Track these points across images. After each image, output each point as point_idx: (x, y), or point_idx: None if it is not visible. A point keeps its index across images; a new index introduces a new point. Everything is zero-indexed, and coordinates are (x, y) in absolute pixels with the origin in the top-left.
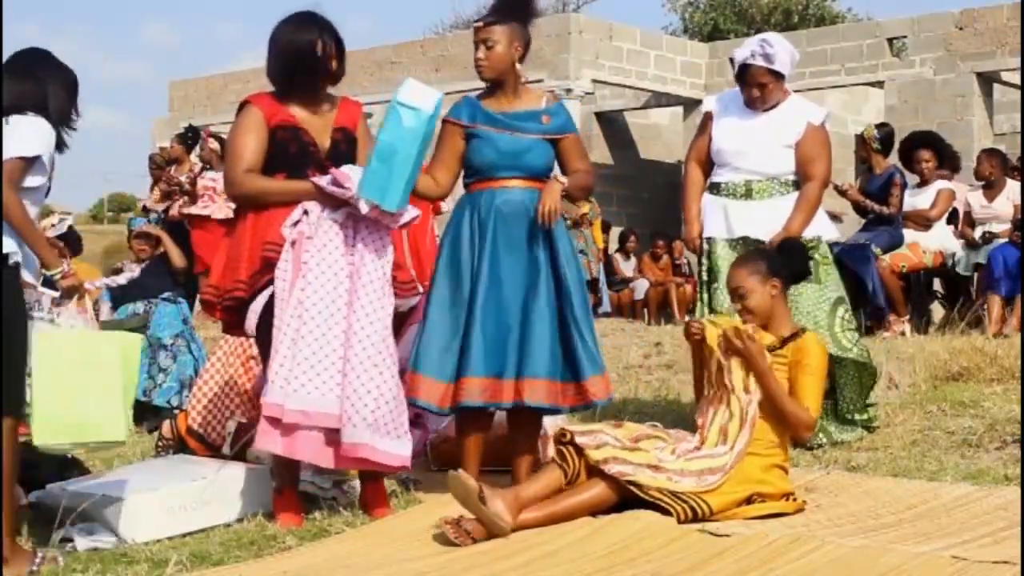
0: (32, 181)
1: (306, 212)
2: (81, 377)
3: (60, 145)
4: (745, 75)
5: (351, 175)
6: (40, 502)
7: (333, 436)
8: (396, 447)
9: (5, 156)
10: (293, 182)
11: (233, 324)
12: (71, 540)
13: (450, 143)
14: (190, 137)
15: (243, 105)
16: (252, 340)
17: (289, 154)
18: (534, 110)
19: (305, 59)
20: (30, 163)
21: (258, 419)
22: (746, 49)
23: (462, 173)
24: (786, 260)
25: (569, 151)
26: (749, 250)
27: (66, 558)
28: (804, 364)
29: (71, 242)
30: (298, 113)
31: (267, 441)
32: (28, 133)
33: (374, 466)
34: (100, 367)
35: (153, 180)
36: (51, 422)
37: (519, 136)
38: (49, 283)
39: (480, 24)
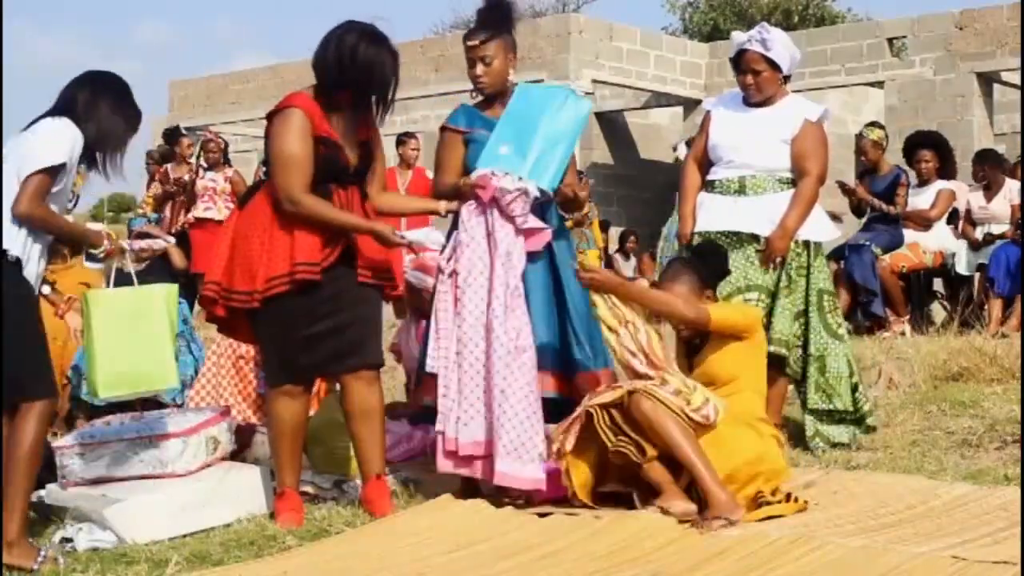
0: (53, 187)
1: (455, 247)
2: (135, 330)
3: (92, 162)
4: (740, 61)
5: (491, 173)
6: (40, 502)
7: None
8: (530, 471)
9: (30, 170)
10: (353, 218)
11: (229, 325)
12: (71, 540)
13: (453, 150)
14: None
15: (287, 108)
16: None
17: (324, 170)
18: None
19: (377, 86)
20: (55, 172)
21: (252, 419)
22: (744, 35)
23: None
24: (706, 265)
25: None
26: (672, 265)
27: (66, 558)
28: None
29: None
30: (337, 126)
31: (469, 467)
32: (49, 141)
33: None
34: (150, 319)
35: (149, 176)
36: (112, 375)
37: None
38: (91, 257)
39: (476, 43)
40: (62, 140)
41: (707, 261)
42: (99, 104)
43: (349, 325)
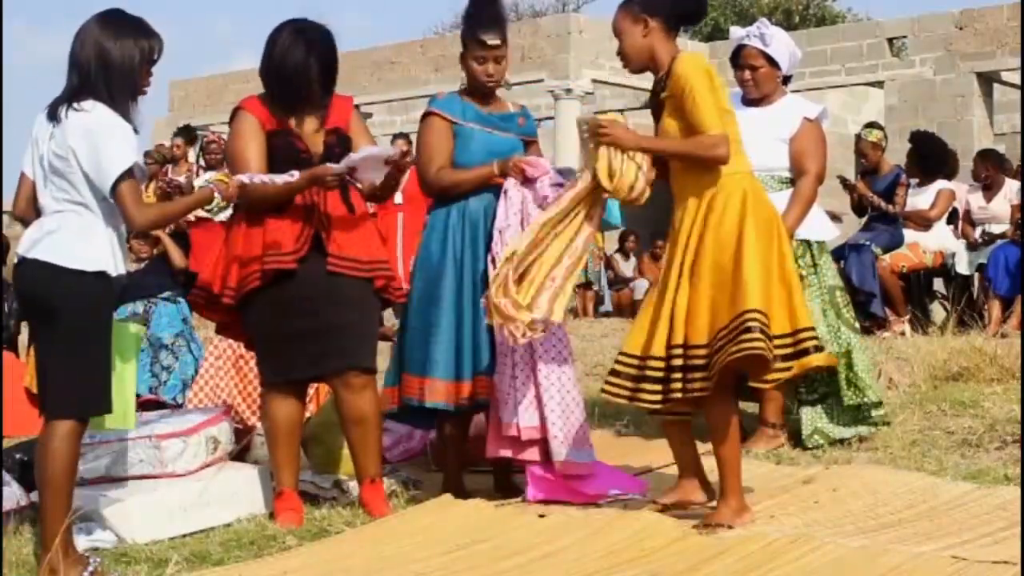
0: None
1: (505, 191)
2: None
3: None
4: (739, 57)
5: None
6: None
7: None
8: (580, 456)
9: (111, 181)
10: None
11: (226, 325)
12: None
13: (446, 138)
14: (190, 136)
15: (236, 111)
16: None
17: (282, 160)
18: (512, 113)
19: (291, 81)
20: (132, 172)
21: (252, 419)
22: (743, 30)
23: None
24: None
25: (534, 154)
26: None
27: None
28: (685, 90)
29: None
30: (293, 118)
31: (526, 453)
32: (113, 141)
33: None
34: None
35: (149, 176)
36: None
37: (508, 136)
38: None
39: (499, 42)
40: (121, 134)
41: None
42: (110, 66)
43: (332, 326)
